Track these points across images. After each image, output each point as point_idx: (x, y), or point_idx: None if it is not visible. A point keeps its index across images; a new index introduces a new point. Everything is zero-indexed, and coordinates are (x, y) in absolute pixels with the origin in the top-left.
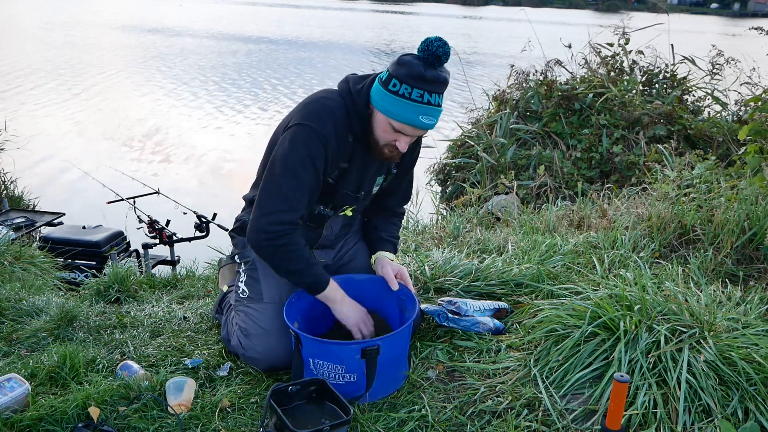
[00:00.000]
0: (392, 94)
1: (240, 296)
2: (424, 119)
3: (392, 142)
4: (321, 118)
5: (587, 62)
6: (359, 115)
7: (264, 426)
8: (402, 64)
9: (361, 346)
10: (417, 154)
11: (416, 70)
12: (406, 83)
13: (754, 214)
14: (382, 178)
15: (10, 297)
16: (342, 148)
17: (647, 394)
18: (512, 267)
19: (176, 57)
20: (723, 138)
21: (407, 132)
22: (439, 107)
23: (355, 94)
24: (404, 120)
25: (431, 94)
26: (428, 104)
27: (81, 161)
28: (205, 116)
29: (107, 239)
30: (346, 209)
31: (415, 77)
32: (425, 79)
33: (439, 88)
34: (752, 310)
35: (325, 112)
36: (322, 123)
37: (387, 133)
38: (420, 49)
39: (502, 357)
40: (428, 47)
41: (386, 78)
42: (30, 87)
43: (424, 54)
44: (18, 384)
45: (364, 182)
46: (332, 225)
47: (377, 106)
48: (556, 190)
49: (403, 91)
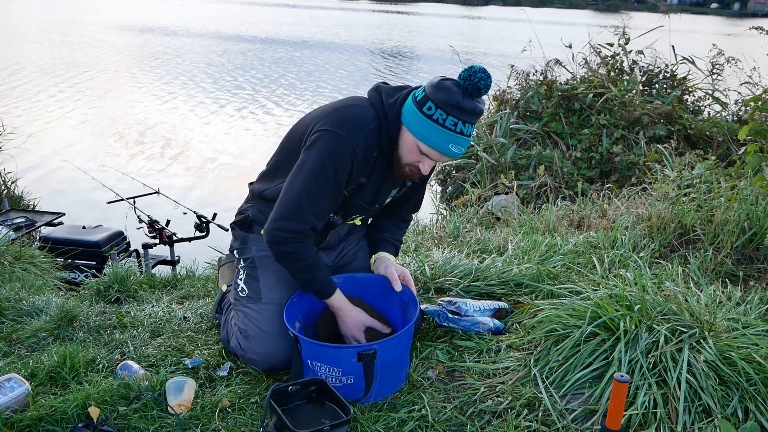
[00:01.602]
0: (426, 117)
1: (239, 295)
2: (454, 148)
3: (415, 163)
4: (353, 129)
5: (587, 62)
6: (389, 129)
7: (264, 426)
8: (441, 89)
9: (357, 350)
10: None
11: (454, 98)
12: (442, 109)
13: (754, 214)
14: (396, 190)
15: (10, 297)
16: (367, 161)
17: (647, 394)
18: (512, 267)
19: (177, 57)
20: (723, 138)
21: (433, 157)
22: (470, 138)
23: (388, 107)
24: (434, 146)
25: (465, 124)
26: (460, 134)
27: (81, 161)
28: (206, 116)
29: (107, 239)
30: (355, 218)
31: (453, 105)
32: (462, 108)
33: (473, 119)
34: (752, 310)
35: (359, 123)
36: (354, 134)
37: (413, 153)
38: (461, 77)
39: (502, 357)
40: (470, 77)
41: (421, 99)
42: (30, 87)
43: (465, 83)
44: (18, 384)
45: (379, 196)
46: (338, 231)
47: (408, 125)
48: (556, 190)
49: (438, 117)
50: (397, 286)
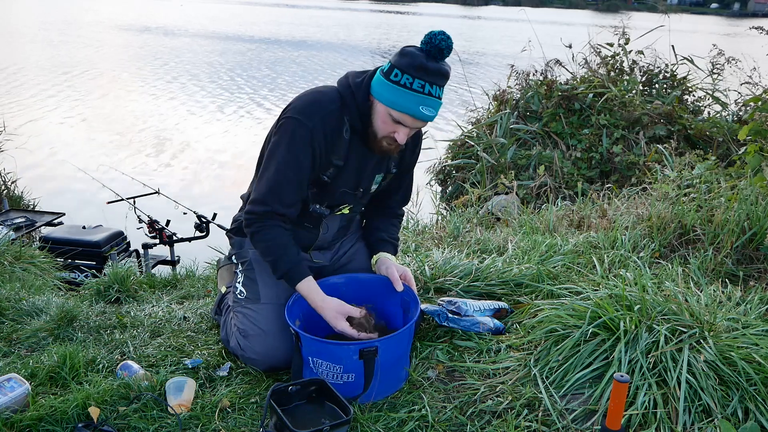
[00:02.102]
0: (393, 84)
1: (238, 297)
2: (424, 110)
3: (391, 134)
4: (309, 111)
5: (587, 62)
6: (359, 108)
7: (264, 426)
8: (404, 55)
9: (359, 347)
10: (417, 154)
11: (418, 61)
12: (408, 73)
13: (754, 214)
14: (381, 176)
15: (10, 297)
16: (334, 142)
17: (647, 394)
18: (512, 267)
19: (177, 57)
20: (723, 138)
21: (407, 123)
22: (440, 99)
23: (355, 87)
24: (404, 110)
25: (432, 85)
26: (429, 95)
27: (81, 161)
28: (206, 116)
29: (107, 239)
30: (343, 208)
31: (417, 68)
32: (427, 70)
33: (440, 80)
34: (752, 310)
35: (315, 105)
36: (310, 116)
37: (386, 124)
38: (423, 41)
39: (502, 357)
40: (431, 40)
41: (388, 69)
42: (30, 87)
43: (427, 46)
44: (18, 384)
45: (363, 179)
46: (329, 225)
47: (377, 96)
48: (556, 190)
49: (405, 81)
50: (398, 287)
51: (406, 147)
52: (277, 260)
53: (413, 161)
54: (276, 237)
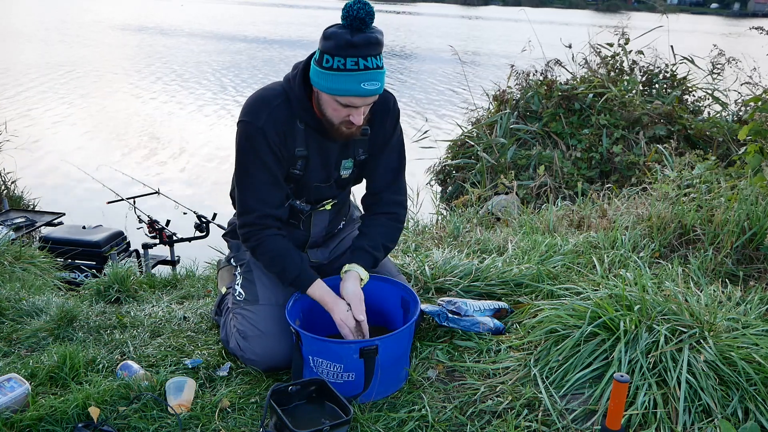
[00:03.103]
0: (328, 70)
1: (237, 299)
2: (367, 86)
3: (346, 118)
4: (255, 110)
5: (587, 62)
6: (299, 100)
7: (264, 426)
8: (328, 38)
9: (359, 346)
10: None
11: (343, 39)
12: (338, 55)
13: (754, 214)
14: (350, 161)
15: (10, 297)
16: (290, 135)
17: (647, 394)
18: (512, 267)
19: (177, 57)
20: (723, 138)
21: (356, 104)
22: (380, 69)
23: (291, 78)
24: (347, 92)
25: (366, 58)
26: (366, 69)
27: (81, 161)
28: (206, 116)
29: (107, 239)
30: (326, 204)
31: (344, 46)
32: (354, 45)
33: (371, 50)
34: (752, 310)
35: (259, 104)
36: (256, 115)
37: (337, 110)
38: (342, 16)
39: (502, 357)
40: (349, 12)
41: (318, 56)
42: (30, 86)
43: (347, 21)
44: (18, 384)
45: (331, 169)
46: (316, 222)
47: (318, 86)
48: (556, 190)
49: (337, 64)
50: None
51: (371, 126)
52: (284, 270)
53: (388, 137)
54: (277, 247)
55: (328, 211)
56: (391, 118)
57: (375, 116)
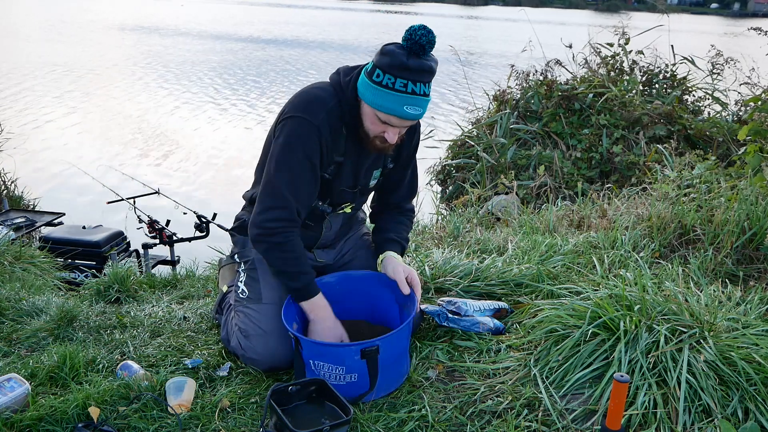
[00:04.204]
0: (376, 85)
1: (239, 296)
2: (409, 109)
3: (381, 134)
4: (312, 109)
5: (587, 62)
6: (350, 105)
7: (264, 426)
8: (385, 54)
9: (360, 347)
10: (416, 146)
11: (398, 60)
12: (389, 73)
13: (754, 214)
14: (378, 171)
15: (10, 297)
16: (336, 139)
17: (647, 394)
18: (512, 267)
19: (176, 56)
20: (723, 138)
21: (393, 123)
22: (426, 97)
23: (345, 84)
24: (389, 111)
25: (416, 83)
26: (413, 94)
27: (81, 161)
28: (206, 116)
29: (107, 239)
30: (345, 207)
31: (398, 67)
32: (408, 68)
33: (423, 77)
34: (752, 310)
35: (316, 102)
36: (314, 113)
37: (375, 124)
38: (404, 38)
39: (502, 357)
40: (411, 36)
41: (371, 69)
42: (30, 86)
43: (407, 43)
44: (18, 384)
45: (360, 177)
46: (332, 223)
47: (363, 97)
48: (556, 190)
49: (387, 82)
50: (404, 289)
51: (402, 141)
52: (299, 274)
53: (411, 153)
54: (300, 248)
55: (345, 214)
56: (418, 135)
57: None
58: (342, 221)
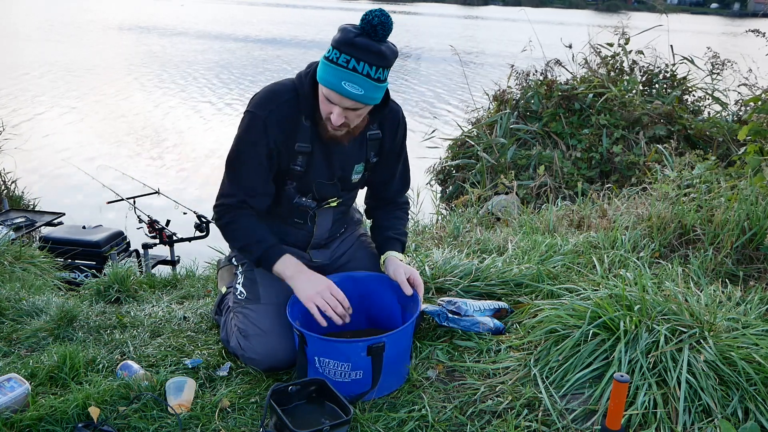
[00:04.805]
0: (326, 60)
1: (238, 298)
2: (347, 86)
3: (329, 115)
4: (262, 103)
5: (587, 62)
6: (306, 97)
7: (264, 426)
8: (339, 31)
9: (367, 344)
10: (401, 138)
11: (347, 36)
12: (336, 48)
13: (754, 214)
14: (361, 165)
15: (10, 297)
16: (293, 129)
17: (647, 394)
18: (512, 267)
19: (176, 56)
20: (723, 138)
21: (333, 99)
22: (369, 78)
23: (304, 75)
24: (328, 84)
25: (359, 61)
26: (353, 71)
27: (81, 161)
28: (206, 116)
29: (107, 239)
30: (331, 201)
31: (345, 42)
32: (354, 44)
33: (369, 57)
34: (752, 310)
35: (268, 97)
36: (263, 107)
37: (324, 103)
38: (360, 19)
39: (502, 357)
40: (366, 17)
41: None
42: (30, 87)
43: (361, 23)
44: (18, 384)
45: (335, 168)
46: (321, 221)
47: (317, 75)
48: (556, 190)
49: (332, 56)
50: (407, 291)
51: (383, 133)
52: (249, 245)
53: (397, 148)
54: (251, 223)
55: (333, 210)
56: (402, 128)
57: (386, 123)
58: (333, 218)
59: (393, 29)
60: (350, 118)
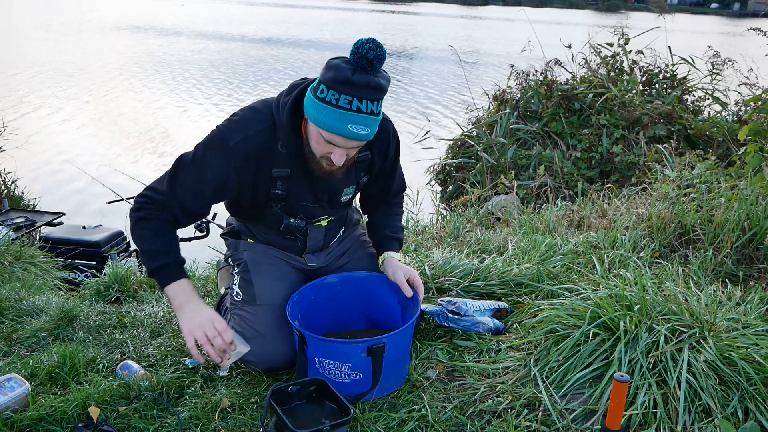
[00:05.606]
0: (320, 101)
1: (234, 299)
2: (354, 128)
3: (327, 155)
4: (233, 129)
5: (587, 62)
6: (284, 131)
7: (264, 426)
8: (329, 68)
9: (367, 344)
10: (392, 159)
11: (343, 74)
12: (333, 89)
13: (754, 214)
14: (351, 188)
15: (10, 297)
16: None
17: (647, 394)
18: (512, 267)
19: (176, 57)
20: (723, 138)
21: (338, 143)
22: (373, 115)
23: (281, 106)
24: (332, 129)
25: (361, 100)
26: (357, 112)
27: (81, 161)
28: (205, 116)
29: (107, 239)
30: (321, 220)
31: (342, 82)
32: (352, 83)
33: (369, 93)
34: (752, 310)
35: (242, 124)
36: (232, 134)
37: (320, 144)
38: (351, 51)
39: (502, 357)
40: (358, 49)
41: (316, 84)
42: (30, 87)
43: (354, 57)
44: (18, 384)
45: (318, 193)
46: (312, 237)
47: (308, 115)
48: (556, 190)
49: (330, 98)
50: (407, 293)
51: (371, 151)
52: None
53: (387, 165)
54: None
55: (324, 226)
56: (393, 145)
57: (375, 143)
58: (326, 229)
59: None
60: (350, 154)
